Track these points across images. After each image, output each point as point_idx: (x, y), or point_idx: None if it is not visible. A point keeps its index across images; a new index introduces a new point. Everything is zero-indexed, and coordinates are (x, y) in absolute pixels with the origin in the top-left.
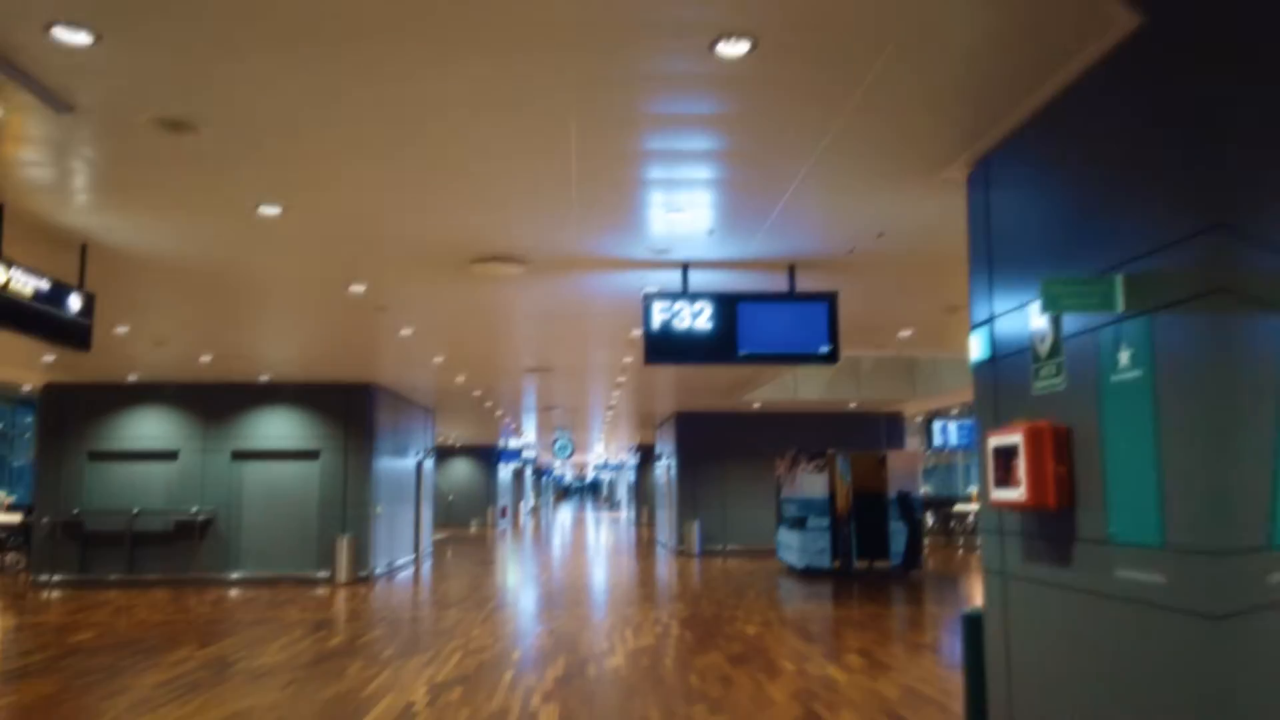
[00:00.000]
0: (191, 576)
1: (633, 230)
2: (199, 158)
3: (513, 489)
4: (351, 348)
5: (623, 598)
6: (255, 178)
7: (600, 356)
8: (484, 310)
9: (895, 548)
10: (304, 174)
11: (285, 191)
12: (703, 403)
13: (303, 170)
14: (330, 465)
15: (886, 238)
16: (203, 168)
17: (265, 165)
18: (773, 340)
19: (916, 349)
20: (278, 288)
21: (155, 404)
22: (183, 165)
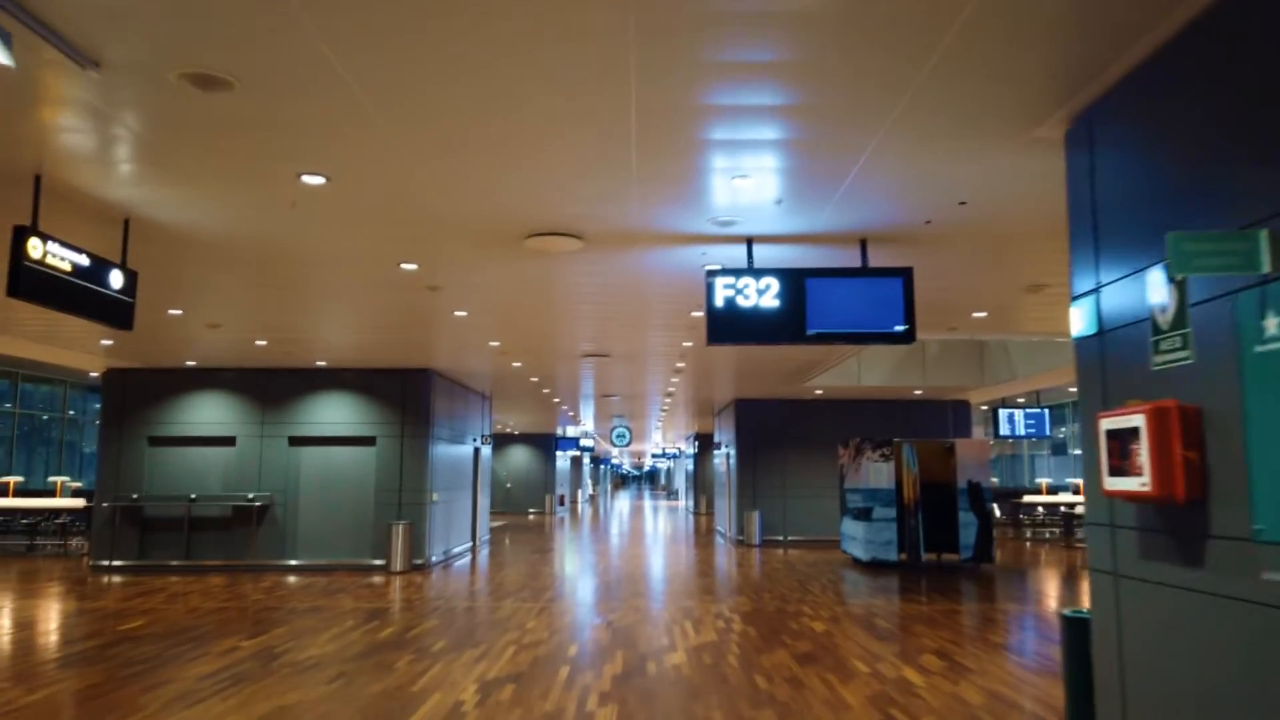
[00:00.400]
0: (248, 563)
1: (695, 201)
2: (236, 120)
3: (571, 477)
4: (406, 331)
5: (682, 589)
6: (295, 143)
7: (659, 340)
8: (539, 290)
9: (965, 540)
10: (348, 141)
11: (329, 160)
12: (763, 390)
13: (347, 136)
14: (386, 451)
15: (968, 207)
16: (240, 131)
17: (306, 129)
18: (844, 318)
19: (989, 332)
20: (327, 266)
21: (213, 389)
22: (221, 129)
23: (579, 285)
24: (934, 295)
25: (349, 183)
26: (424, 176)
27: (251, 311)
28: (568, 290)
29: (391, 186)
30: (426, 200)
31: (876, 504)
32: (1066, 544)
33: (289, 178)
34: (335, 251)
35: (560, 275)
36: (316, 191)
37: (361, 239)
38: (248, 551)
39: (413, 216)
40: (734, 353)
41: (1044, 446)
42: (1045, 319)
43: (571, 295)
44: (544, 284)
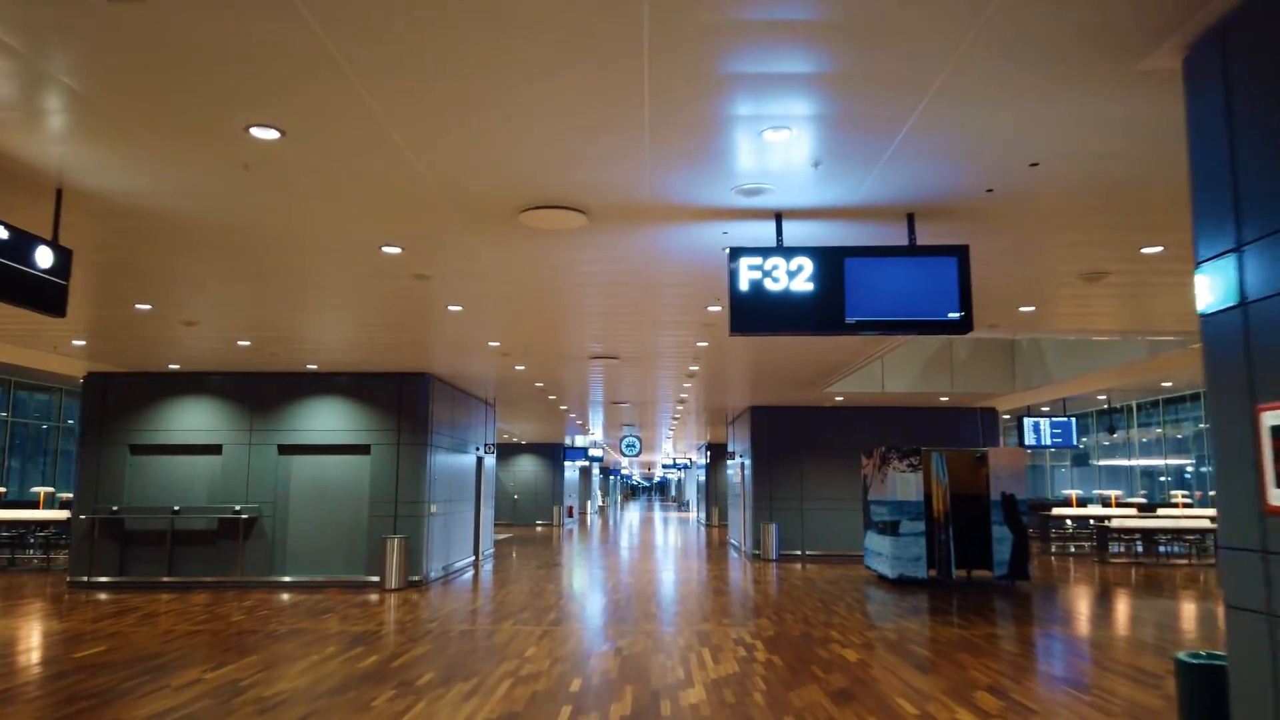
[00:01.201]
0: (234, 580)
1: (717, 163)
2: (169, 51)
3: (579, 488)
4: (398, 330)
5: (697, 610)
6: (240, 85)
7: (671, 340)
8: (539, 280)
9: (999, 556)
10: (304, 86)
11: (282, 109)
12: (780, 396)
13: (302, 81)
14: (382, 461)
15: (1040, 170)
16: (175, 66)
17: (248, 66)
18: (888, 304)
19: (1028, 330)
20: (298, 250)
21: (199, 394)
22: (153, 64)
23: (583, 274)
24: (980, 285)
25: (308, 139)
26: (399, 137)
27: (227, 306)
28: (571, 280)
29: (359, 144)
30: (403, 164)
31: (904, 517)
32: (1100, 559)
33: (236, 131)
34: (303, 230)
35: (562, 261)
36: (270, 150)
37: (331, 215)
38: (234, 567)
39: (389, 185)
40: (751, 356)
41: (1065, 457)
42: (1093, 315)
43: (575, 286)
44: (544, 272)
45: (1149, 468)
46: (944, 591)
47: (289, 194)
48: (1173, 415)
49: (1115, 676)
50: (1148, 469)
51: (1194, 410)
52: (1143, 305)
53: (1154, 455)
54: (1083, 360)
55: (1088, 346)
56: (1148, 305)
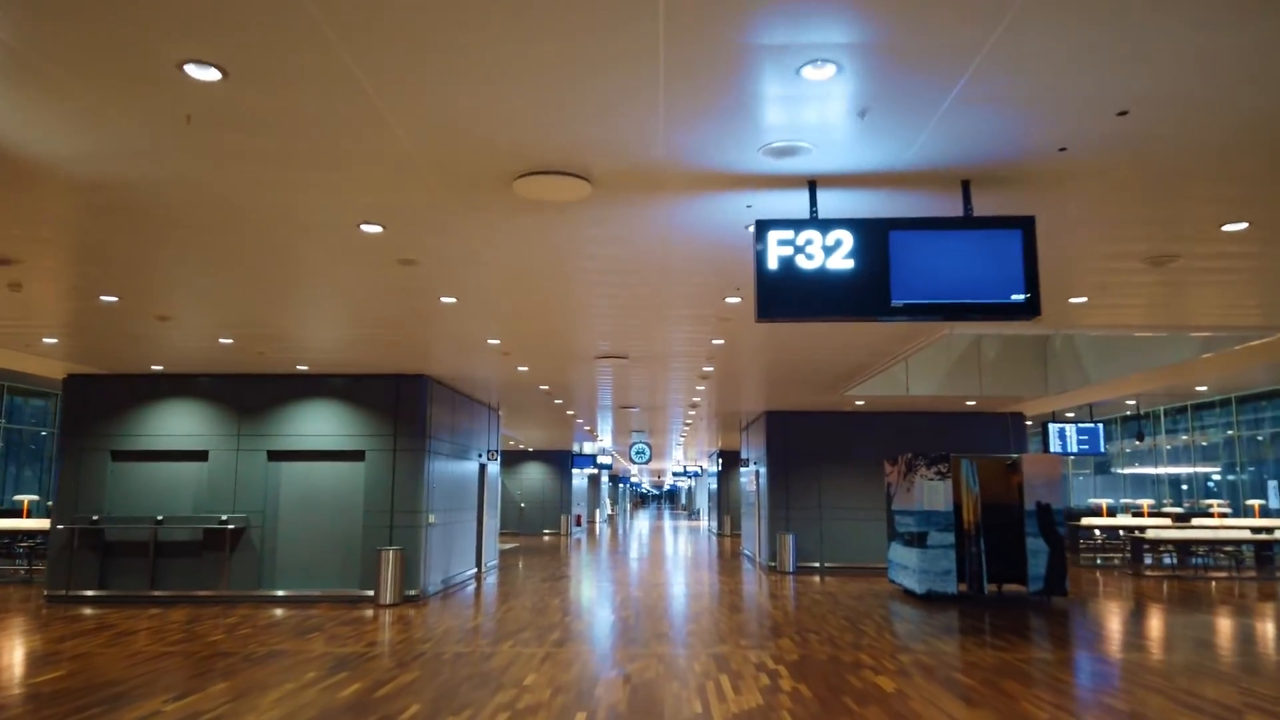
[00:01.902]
0: (221, 594)
1: (742, 114)
2: None
3: (588, 496)
4: (389, 326)
5: (712, 629)
6: (166, 7)
7: (684, 337)
8: (538, 265)
9: (1034, 570)
10: (246, 11)
11: (220, 41)
12: (797, 400)
13: (243, 2)
14: (377, 467)
15: (1130, 119)
16: None
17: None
18: (941, 285)
19: (1072, 325)
20: (264, 227)
21: (184, 398)
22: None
23: (588, 259)
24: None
25: (255, 82)
26: (365, 81)
27: (199, 298)
28: (574, 266)
29: (319, 87)
30: (374, 116)
31: (932, 528)
32: (1134, 571)
33: (168, 71)
34: (266, 203)
35: (563, 242)
36: (212, 96)
37: (294, 183)
38: (220, 581)
39: (359, 145)
40: (769, 357)
41: (1087, 465)
42: (1148, 307)
43: (579, 274)
44: (544, 257)
45: (1175, 476)
46: (976, 608)
47: (242, 156)
48: (1200, 421)
49: (1190, 712)
50: (1173, 477)
51: (1224, 416)
52: (1205, 296)
53: (1181, 463)
54: (1123, 360)
55: (1128, 345)
56: (1211, 296)
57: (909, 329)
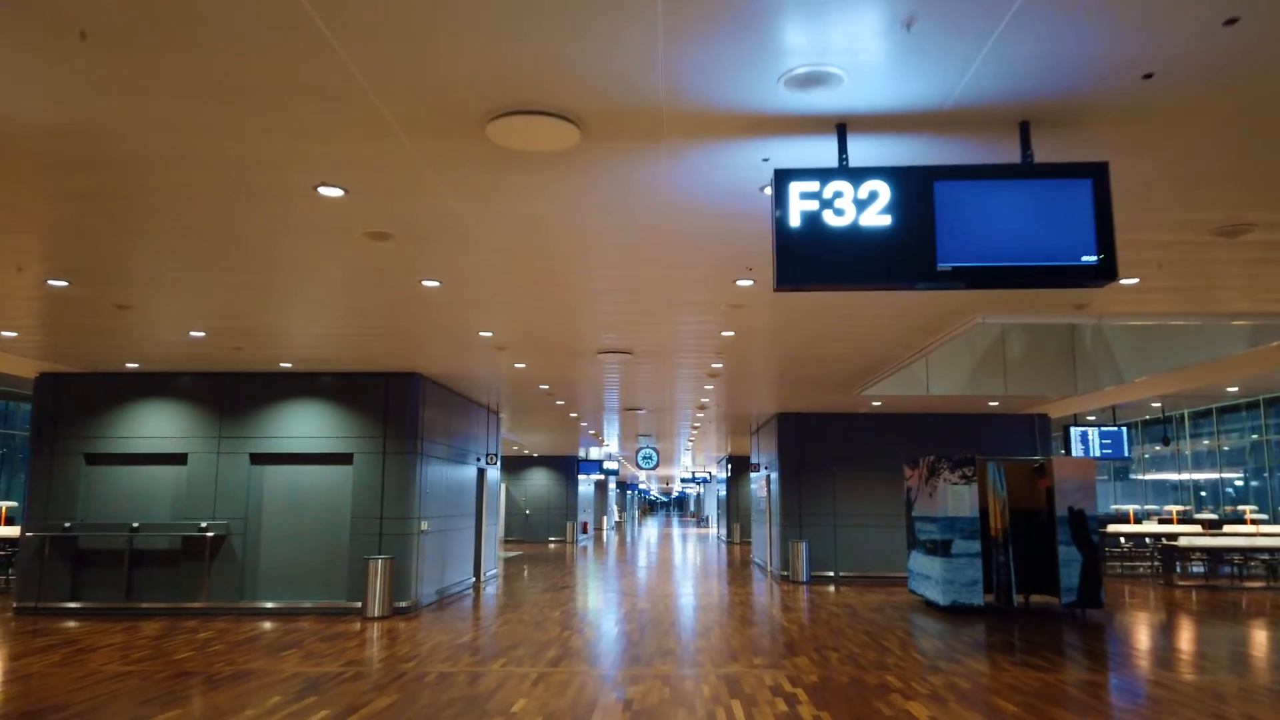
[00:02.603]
0: (200, 606)
1: (759, 30)
2: None
3: (595, 502)
4: (370, 316)
5: (723, 645)
6: None
7: (692, 328)
8: (525, 237)
9: (1066, 580)
10: None
11: None
12: (811, 401)
13: None
14: (366, 472)
15: (1238, 30)
16: None
17: None
18: (997, 244)
19: (1115, 312)
20: (204, 192)
21: (162, 397)
22: None
23: (579, 230)
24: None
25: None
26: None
27: (156, 284)
28: (565, 239)
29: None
30: (317, 43)
31: (957, 536)
32: (1166, 581)
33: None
34: (199, 155)
35: (551, 209)
36: (106, 9)
37: (230, 128)
38: (199, 592)
39: (300, 77)
40: (781, 351)
41: (1104, 470)
42: (1206, 290)
43: (571, 248)
44: (531, 227)
45: (1199, 482)
46: (1005, 621)
47: (156, 89)
48: (1225, 425)
49: None
50: (1197, 483)
51: (1252, 419)
52: (1273, 277)
53: (1205, 468)
54: (1158, 356)
55: (1164, 339)
56: (1276, 277)
57: (937, 316)
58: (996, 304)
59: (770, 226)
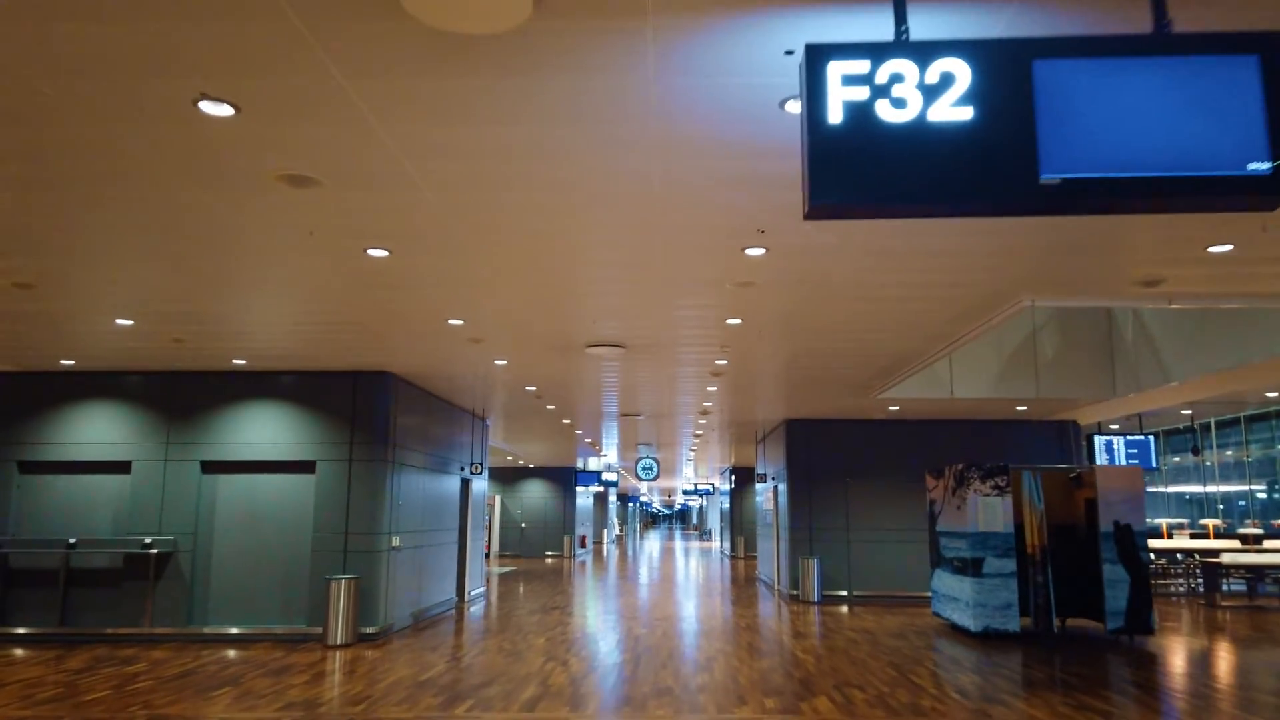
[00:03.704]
0: (143, 631)
1: None
2: None
3: (595, 515)
4: (314, 298)
5: (729, 681)
6: None
7: (692, 315)
8: (473, 174)
9: (1113, 604)
10: None
11: None
12: (823, 405)
13: None
14: (330, 481)
15: None
16: None
17: None
18: (1125, 149)
19: (1196, 294)
20: (68, 109)
21: (104, 399)
22: None
23: (548, 173)
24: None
25: None
26: None
27: (50, 252)
28: (530, 182)
29: None
30: None
31: (989, 553)
32: (1208, 601)
33: None
34: (50, 52)
35: (506, 133)
36: None
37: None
38: (142, 616)
39: None
40: (793, 345)
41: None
42: None
43: (541, 200)
44: (484, 163)
45: (1227, 494)
46: (1045, 651)
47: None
48: (1254, 434)
49: None
50: (1225, 495)
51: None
52: None
53: (1232, 479)
54: (1219, 352)
55: (1218, 331)
56: None
57: (978, 298)
58: (1047, 283)
59: (799, 143)
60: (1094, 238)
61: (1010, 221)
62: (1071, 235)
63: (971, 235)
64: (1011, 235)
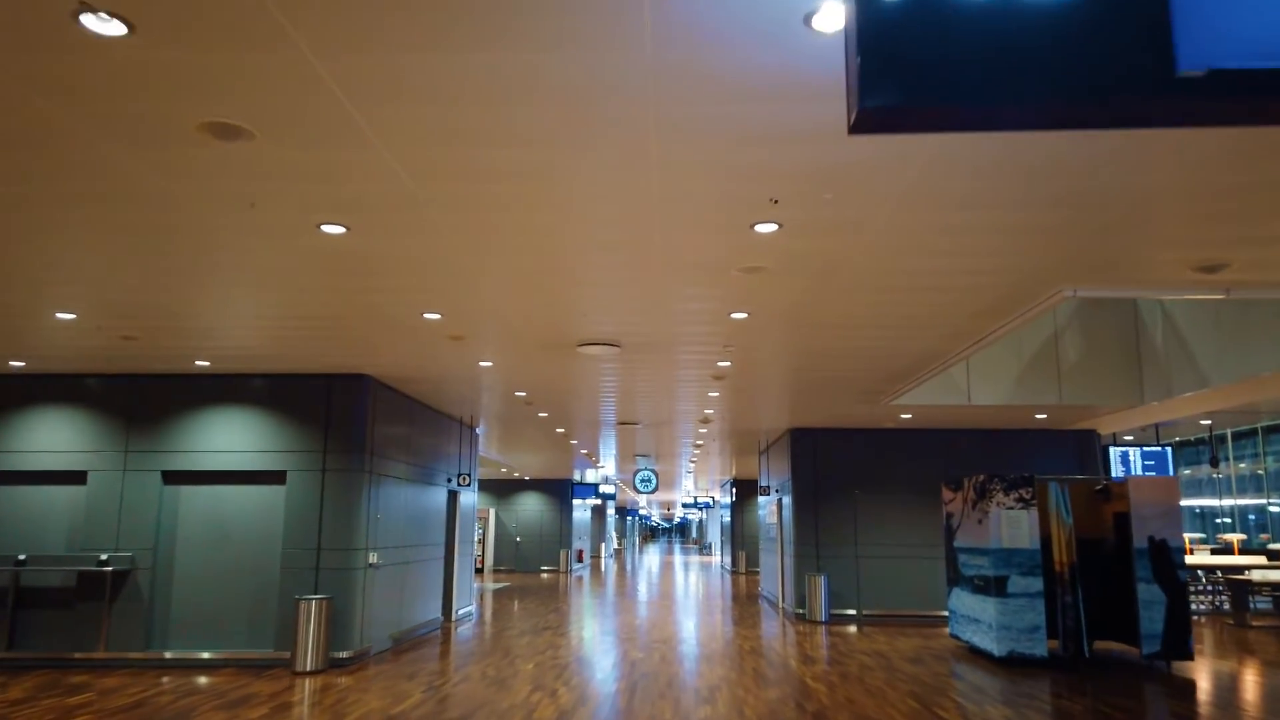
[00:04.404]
0: (98, 656)
1: None
2: None
3: (592, 529)
4: (272, 284)
5: (737, 711)
6: None
7: (692, 308)
8: (432, 131)
9: (1149, 626)
10: None
11: None
12: (830, 413)
13: None
14: (302, 493)
15: None
16: None
17: None
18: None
19: (1259, 283)
20: None
21: (57, 404)
22: None
23: (513, 127)
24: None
25: None
26: None
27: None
28: (492, 136)
29: None
30: None
31: (1014, 571)
32: (1237, 621)
33: None
34: None
35: (471, 62)
36: None
37: None
38: (97, 640)
39: None
40: (804, 341)
41: None
42: None
43: (508, 162)
44: (439, 110)
45: (1245, 507)
46: (1077, 678)
47: None
48: (1271, 446)
49: None
50: (1242, 509)
51: None
52: None
53: (1248, 493)
54: (1263, 353)
55: (1265, 327)
56: None
57: (1012, 286)
58: (1089, 269)
59: (824, 74)
60: (1151, 210)
61: (1059, 187)
62: (1122, 210)
63: (1015, 210)
64: (1057, 210)
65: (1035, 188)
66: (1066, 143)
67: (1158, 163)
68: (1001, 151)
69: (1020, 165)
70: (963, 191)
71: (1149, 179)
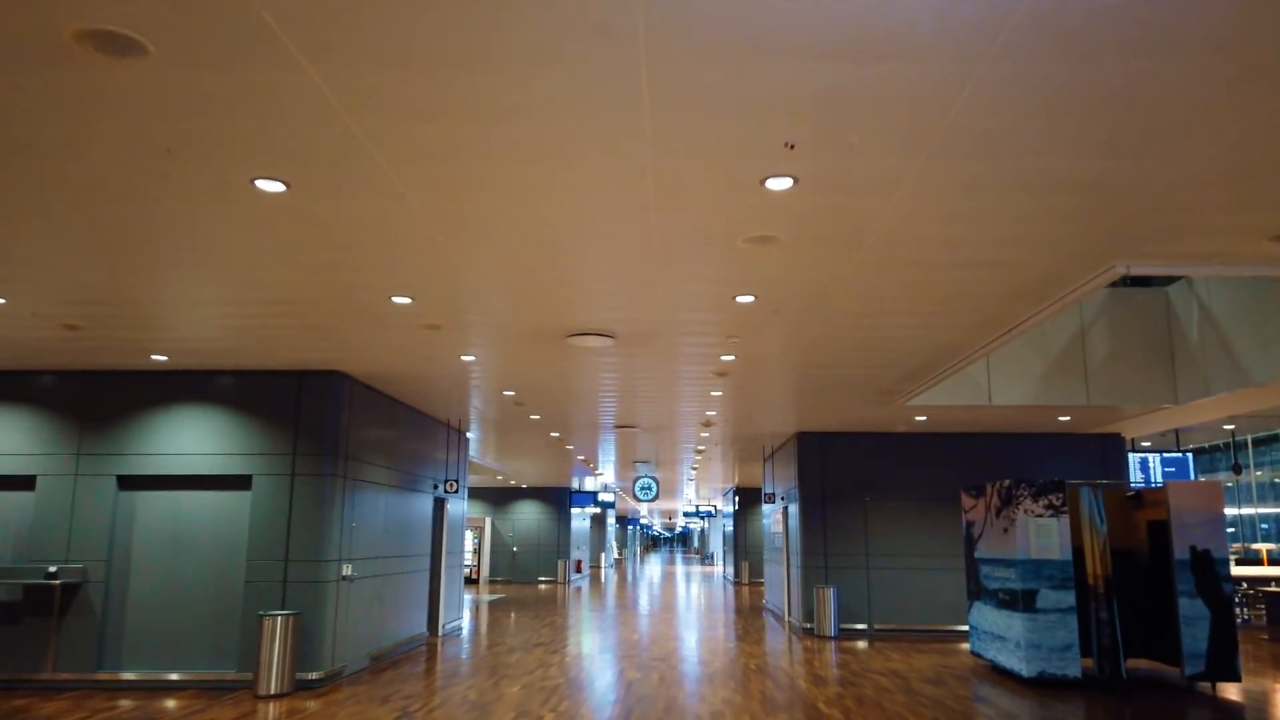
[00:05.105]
0: (44, 678)
1: None
2: None
3: (591, 538)
4: (215, 257)
5: None
6: None
7: (693, 290)
8: (384, 37)
9: (1191, 645)
10: None
11: None
12: (839, 416)
13: None
14: (268, 499)
15: None
16: None
17: None
18: None
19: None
20: None
21: (2, 403)
22: None
23: (472, 47)
24: None
25: None
26: None
27: None
28: (464, 49)
29: None
30: None
31: (1043, 585)
32: (1272, 636)
33: None
34: None
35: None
36: None
37: None
38: (44, 660)
39: None
40: (815, 331)
41: None
42: None
43: (466, 94)
44: (380, 27)
45: (1268, 515)
46: (1114, 700)
47: None
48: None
49: None
50: (1265, 517)
51: None
52: None
53: (1268, 501)
54: None
55: None
56: None
57: (1058, 260)
58: (1146, 240)
59: None
60: (1233, 159)
61: (1125, 122)
62: (1198, 163)
63: (1075, 157)
64: (1118, 163)
65: (1095, 128)
66: (1147, 62)
67: (1253, 98)
68: (1069, 75)
69: (1090, 96)
70: (1015, 133)
71: (1238, 120)
